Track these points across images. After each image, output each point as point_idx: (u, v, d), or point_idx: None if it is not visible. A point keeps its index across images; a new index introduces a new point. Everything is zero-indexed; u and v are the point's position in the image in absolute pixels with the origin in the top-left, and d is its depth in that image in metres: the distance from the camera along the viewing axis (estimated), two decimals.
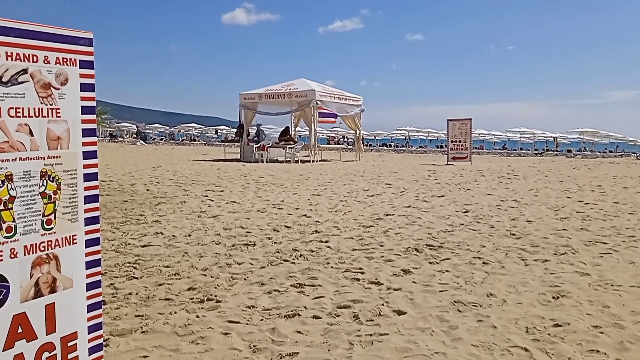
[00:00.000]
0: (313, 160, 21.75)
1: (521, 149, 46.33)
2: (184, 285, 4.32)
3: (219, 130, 63.46)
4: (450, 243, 5.97)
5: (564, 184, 12.81)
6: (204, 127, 69.09)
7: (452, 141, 22.96)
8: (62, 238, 1.92)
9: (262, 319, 3.58)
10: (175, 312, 3.68)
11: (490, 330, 3.38)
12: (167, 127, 72.55)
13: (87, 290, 2.03)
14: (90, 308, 2.04)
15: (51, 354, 1.90)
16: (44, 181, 1.84)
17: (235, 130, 27.27)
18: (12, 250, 1.76)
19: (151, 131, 66.32)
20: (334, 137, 54.78)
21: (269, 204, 8.86)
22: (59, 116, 1.88)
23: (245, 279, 4.53)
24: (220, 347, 3.12)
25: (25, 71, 1.76)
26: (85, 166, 1.99)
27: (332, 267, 4.92)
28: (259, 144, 22.11)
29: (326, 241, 6.02)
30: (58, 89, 1.87)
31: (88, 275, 2.03)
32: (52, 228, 1.88)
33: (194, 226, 6.85)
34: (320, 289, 4.25)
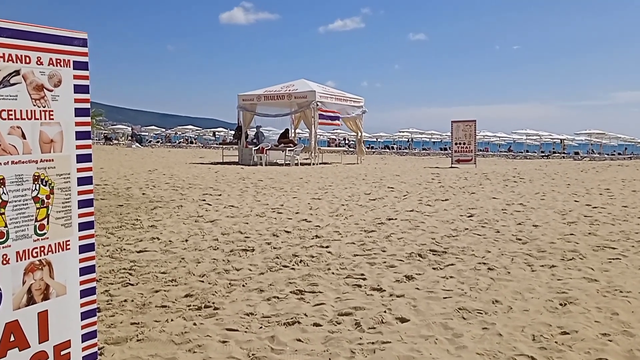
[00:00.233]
0: (313, 163, 21.77)
1: (527, 151, 46.34)
2: (181, 292, 4.32)
3: (216, 133, 63.53)
4: (455, 248, 5.96)
5: (572, 187, 12.81)
6: (201, 129, 69.17)
7: (456, 143, 22.96)
8: (56, 244, 1.92)
9: (261, 327, 3.58)
10: (172, 320, 3.68)
11: (496, 338, 3.37)
12: (164, 130, 72.67)
13: (81, 297, 2.03)
14: (85, 315, 2.04)
15: None
16: (37, 185, 1.84)
17: (233, 132, 27.30)
18: (4, 257, 1.76)
19: (147, 133, 66.37)
20: (335, 140, 54.82)
21: (268, 208, 8.86)
22: (52, 118, 1.88)
23: (243, 286, 4.52)
24: (218, 356, 3.12)
25: (17, 72, 1.77)
26: (79, 170, 1.99)
27: (333, 273, 4.91)
28: (258, 147, 22.13)
29: (327, 246, 6.02)
30: (51, 91, 1.88)
31: (82, 282, 2.03)
32: (45, 233, 1.88)
33: (191, 231, 6.85)
34: (321, 296, 4.24)
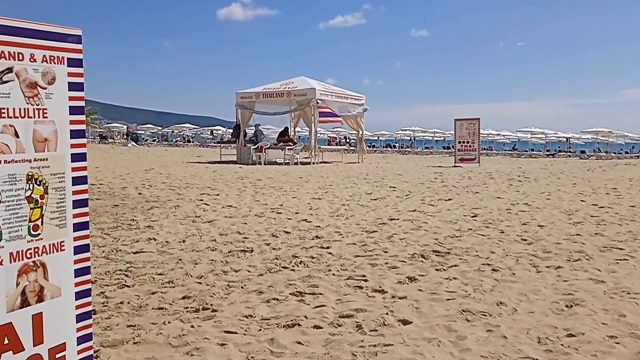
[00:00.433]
0: (313, 162, 21.77)
1: (532, 150, 46.35)
2: (178, 294, 4.32)
3: (214, 131, 63.57)
4: (458, 249, 5.96)
5: (578, 187, 12.80)
6: (198, 128, 69.22)
7: (460, 142, 22.96)
8: (50, 244, 1.92)
9: (260, 329, 3.58)
10: (169, 322, 3.68)
11: (500, 341, 3.37)
12: (160, 128, 72.71)
13: (76, 299, 2.03)
14: (80, 318, 2.04)
15: None
16: (30, 185, 1.85)
17: (231, 130, 27.30)
18: None
19: (143, 132, 66.42)
20: (336, 138, 54.85)
21: (267, 208, 8.86)
22: (46, 117, 1.88)
23: (242, 287, 4.53)
24: (216, 359, 3.12)
25: (10, 70, 1.77)
26: (73, 169, 1.99)
27: (334, 275, 4.92)
28: (257, 145, 22.13)
29: (327, 247, 6.02)
30: (45, 89, 1.88)
31: (77, 284, 2.03)
32: (39, 234, 1.88)
33: (189, 232, 6.86)
34: (322, 298, 4.25)
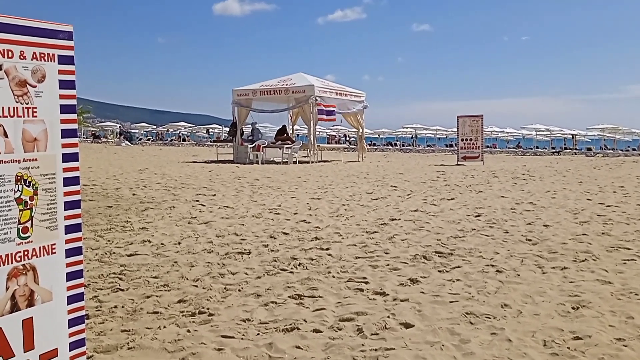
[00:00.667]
0: (312, 161, 21.76)
1: (537, 147, 46.40)
2: (174, 298, 4.32)
3: (210, 130, 63.63)
4: (461, 250, 5.96)
5: (584, 185, 12.81)
6: (194, 126, 69.25)
7: (463, 139, 22.96)
8: (40, 247, 1.92)
9: (259, 334, 3.58)
10: (165, 327, 3.68)
11: (505, 344, 3.37)
12: (155, 127, 72.72)
13: (69, 304, 2.02)
14: (72, 323, 2.04)
15: None
16: (20, 186, 1.84)
17: (227, 129, 27.31)
18: None
19: (137, 131, 66.45)
20: (335, 136, 54.86)
21: (265, 209, 8.86)
22: (36, 116, 1.88)
23: (239, 290, 4.52)
24: None
25: None
26: (65, 169, 1.99)
27: (334, 277, 4.91)
28: (254, 144, 22.12)
29: (327, 248, 6.02)
30: (35, 87, 1.87)
31: (69, 288, 2.03)
32: (29, 237, 1.88)
33: (184, 233, 6.85)
34: (321, 301, 4.24)
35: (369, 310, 4.00)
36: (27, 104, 1.85)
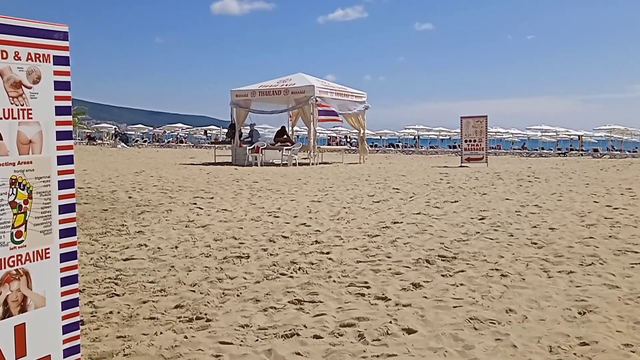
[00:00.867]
0: (312, 163, 21.78)
1: (542, 148, 46.38)
2: (171, 303, 4.32)
3: (208, 131, 63.61)
4: (465, 253, 5.96)
5: (590, 187, 12.81)
6: (191, 128, 69.26)
7: (466, 141, 22.97)
8: (34, 252, 1.92)
9: (257, 340, 3.57)
10: (161, 333, 3.68)
11: (510, 350, 3.37)
12: (151, 128, 72.78)
13: (63, 310, 2.02)
14: (66, 329, 2.04)
15: None
16: (14, 189, 1.84)
17: (226, 130, 27.31)
18: None
19: (133, 132, 66.47)
20: (336, 138, 54.87)
21: (264, 212, 8.86)
22: (31, 118, 1.88)
23: (238, 295, 4.52)
24: None
25: None
26: (60, 172, 1.99)
27: (335, 281, 4.91)
28: (253, 146, 22.14)
29: (327, 252, 6.02)
30: (30, 88, 1.88)
31: (63, 293, 2.03)
32: (23, 241, 1.88)
33: (181, 237, 6.85)
34: (322, 306, 4.24)
35: (371, 315, 4.00)
36: (22, 105, 1.85)
